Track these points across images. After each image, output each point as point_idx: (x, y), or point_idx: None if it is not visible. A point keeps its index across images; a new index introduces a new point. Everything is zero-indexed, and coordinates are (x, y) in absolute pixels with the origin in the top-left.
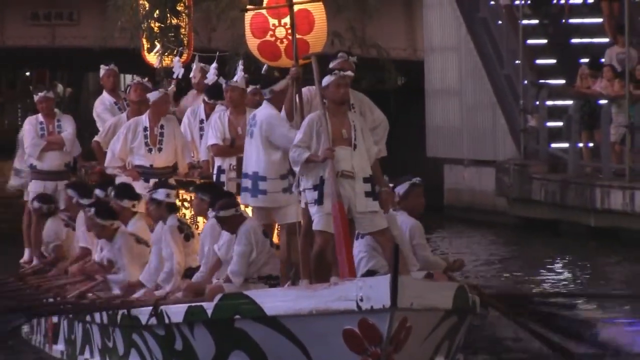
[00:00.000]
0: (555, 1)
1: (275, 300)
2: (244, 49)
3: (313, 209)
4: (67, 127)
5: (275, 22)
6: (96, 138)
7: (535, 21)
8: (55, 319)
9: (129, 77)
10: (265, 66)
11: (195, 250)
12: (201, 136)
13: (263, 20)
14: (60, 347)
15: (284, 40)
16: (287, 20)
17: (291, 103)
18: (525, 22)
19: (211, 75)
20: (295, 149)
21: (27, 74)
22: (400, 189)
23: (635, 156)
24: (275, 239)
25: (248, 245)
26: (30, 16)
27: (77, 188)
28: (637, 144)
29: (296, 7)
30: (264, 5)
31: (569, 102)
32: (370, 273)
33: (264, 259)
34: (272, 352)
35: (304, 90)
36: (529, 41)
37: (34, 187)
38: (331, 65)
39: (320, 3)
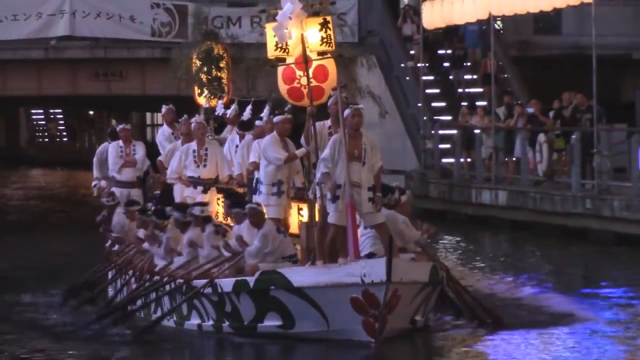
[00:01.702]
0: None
1: (300, 276)
2: (273, 95)
3: (330, 207)
4: (139, 151)
5: (301, 73)
6: (159, 158)
7: (431, 77)
8: (133, 286)
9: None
10: (288, 106)
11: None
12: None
13: (291, 72)
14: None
15: (307, 86)
16: (309, 71)
17: (308, 133)
18: (424, 78)
19: (246, 114)
20: (323, 162)
21: (91, 113)
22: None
23: (499, 167)
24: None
25: (264, 243)
26: (93, 74)
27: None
28: (500, 159)
29: (316, 62)
30: (293, 61)
31: (454, 132)
32: (371, 255)
33: (280, 246)
34: (297, 313)
35: (318, 124)
36: (427, 91)
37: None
38: (331, 100)
39: (332, 59)
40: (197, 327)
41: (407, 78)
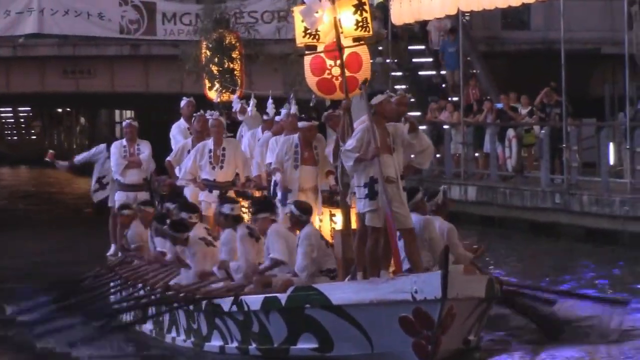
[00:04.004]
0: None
1: (340, 292)
2: (296, 90)
3: (362, 203)
4: (145, 150)
5: (332, 62)
6: (168, 158)
7: (400, 73)
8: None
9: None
10: (314, 98)
11: (262, 249)
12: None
13: (321, 62)
14: (148, 326)
15: (339, 77)
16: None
17: (344, 129)
18: (393, 74)
19: (269, 108)
20: (348, 153)
21: (59, 110)
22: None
23: (467, 163)
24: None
25: (309, 246)
26: (62, 71)
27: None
28: (469, 155)
29: (348, 50)
30: (322, 49)
31: (423, 127)
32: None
33: (322, 256)
34: (336, 334)
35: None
36: (396, 87)
37: (118, 197)
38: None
39: (365, 47)
40: (218, 349)
41: (376, 74)
